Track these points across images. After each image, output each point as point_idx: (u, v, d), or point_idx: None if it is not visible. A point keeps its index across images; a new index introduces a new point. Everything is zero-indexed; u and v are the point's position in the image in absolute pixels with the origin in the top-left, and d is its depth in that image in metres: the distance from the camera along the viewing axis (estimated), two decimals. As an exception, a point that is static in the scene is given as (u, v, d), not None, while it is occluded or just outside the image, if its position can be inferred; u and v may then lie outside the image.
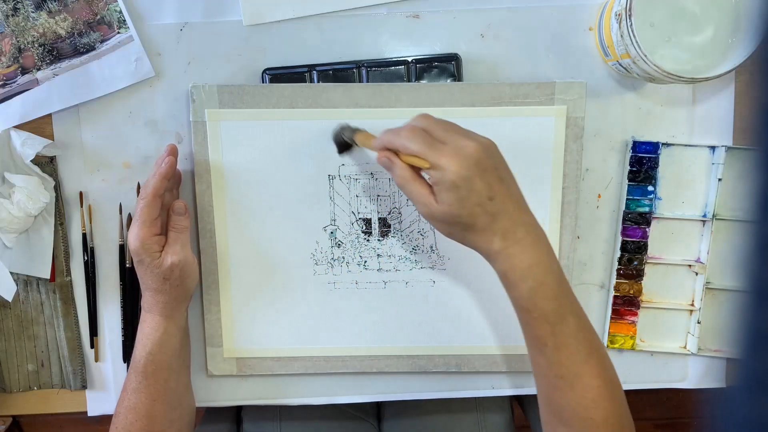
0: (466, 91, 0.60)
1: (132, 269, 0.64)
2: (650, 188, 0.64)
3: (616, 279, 0.65)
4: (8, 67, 0.61)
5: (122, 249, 0.65)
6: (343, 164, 0.61)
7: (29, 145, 0.60)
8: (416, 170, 0.50)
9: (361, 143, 0.56)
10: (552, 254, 0.49)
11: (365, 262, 0.63)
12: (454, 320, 0.64)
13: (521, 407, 0.82)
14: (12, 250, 0.62)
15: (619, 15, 0.56)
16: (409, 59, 0.61)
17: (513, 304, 0.50)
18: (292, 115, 0.60)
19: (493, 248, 0.48)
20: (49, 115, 0.63)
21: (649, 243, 0.64)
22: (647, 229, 0.64)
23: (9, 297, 0.59)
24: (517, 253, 0.48)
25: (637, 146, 0.63)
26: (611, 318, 0.66)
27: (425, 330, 0.65)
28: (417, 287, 0.64)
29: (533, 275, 0.48)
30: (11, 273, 0.61)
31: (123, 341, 0.66)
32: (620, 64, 0.59)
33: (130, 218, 0.64)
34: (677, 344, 0.67)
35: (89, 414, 0.68)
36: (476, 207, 0.47)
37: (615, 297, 0.65)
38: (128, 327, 0.65)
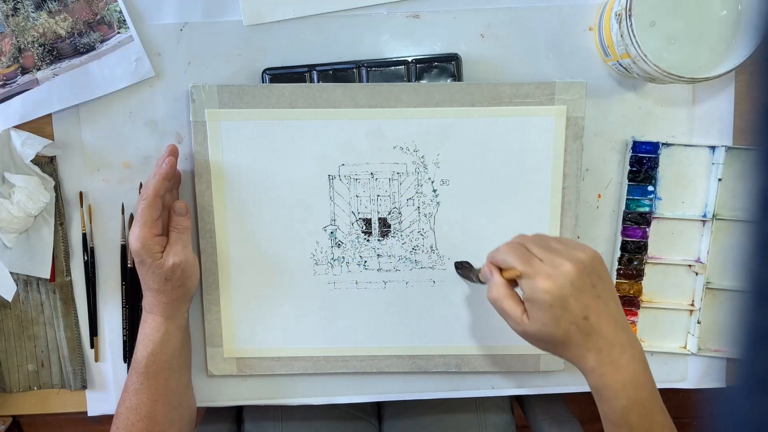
0: (466, 91, 0.60)
1: (133, 269, 0.64)
2: (650, 188, 0.64)
3: (616, 279, 0.65)
4: (8, 67, 0.61)
5: (124, 249, 0.65)
6: (343, 164, 0.61)
7: (29, 145, 0.60)
8: (511, 287, 0.50)
9: (482, 276, 0.56)
10: (647, 371, 0.49)
11: (365, 262, 0.63)
12: (454, 320, 0.64)
13: (521, 407, 0.82)
14: (12, 250, 0.62)
15: (619, 15, 0.56)
16: (409, 59, 0.61)
17: (601, 415, 0.50)
18: (292, 115, 0.60)
19: (587, 366, 0.48)
20: (49, 115, 0.63)
21: (649, 243, 0.64)
22: (647, 229, 0.64)
23: (9, 297, 0.59)
24: (611, 373, 0.47)
25: (637, 146, 0.63)
26: (611, 318, 0.66)
27: (425, 330, 0.65)
28: (417, 287, 0.64)
29: (627, 395, 0.47)
30: (11, 273, 0.61)
31: (124, 341, 0.66)
32: (620, 64, 0.59)
33: (131, 218, 0.64)
34: (677, 344, 0.67)
35: (89, 414, 0.68)
36: (570, 326, 0.47)
37: (615, 297, 0.65)
38: (129, 327, 0.65)
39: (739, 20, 0.56)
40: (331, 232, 0.63)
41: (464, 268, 0.62)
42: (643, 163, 0.63)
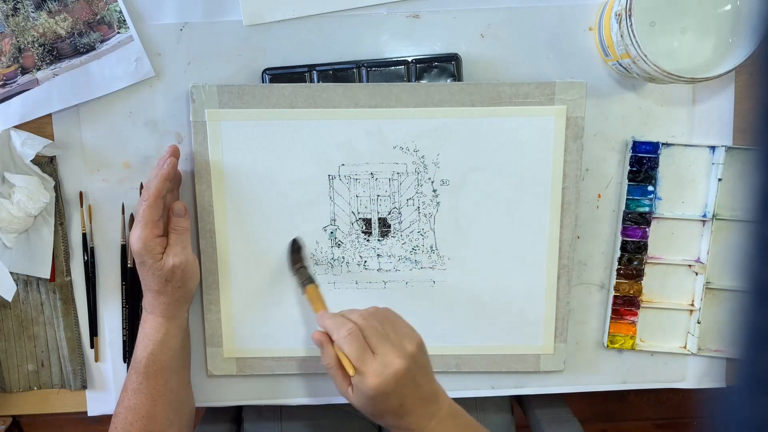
0: (466, 91, 0.60)
1: (134, 269, 0.64)
2: (650, 188, 0.64)
3: (616, 279, 0.65)
4: (8, 67, 0.61)
5: (124, 249, 0.65)
6: (343, 164, 0.61)
7: (29, 145, 0.60)
8: (339, 362, 0.53)
9: (308, 297, 0.60)
10: (458, 423, 0.54)
11: (365, 262, 0.63)
12: (454, 320, 0.64)
13: (521, 407, 0.82)
14: (12, 250, 0.62)
15: (619, 15, 0.56)
16: (409, 59, 0.61)
17: None
18: (292, 115, 0.60)
19: None
20: (49, 115, 0.63)
21: (649, 243, 0.65)
22: (647, 229, 0.64)
23: (9, 297, 0.59)
24: None
25: (637, 146, 0.63)
26: (611, 318, 0.66)
27: (425, 330, 0.64)
28: (417, 287, 0.64)
29: None
30: (11, 273, 0.61)
31: (124, 341, 0.66)
32: (620, 64, 0.59)
33: (132, 218, 0.64)
34: (677, 344, 0.67)
35: (89, 414, 0.68)
36: (386, 411, 0.52)
37: (615, 297, 0.65)
38: (129, 327, 0.65)
39: (739, 20, 0.56)
40: (331, 232, 0.63)
41: (295, 252, 0.62)
42: (643, 163, 0.63)
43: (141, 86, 0.62)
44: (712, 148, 0.64)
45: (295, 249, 0.62)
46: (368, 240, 0.63)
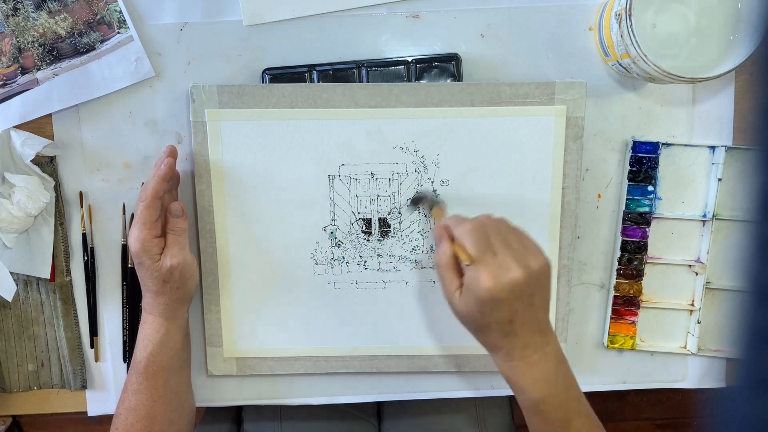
0: (466, 91, 0.60)
1: (133, 269, 0.64)
2: (650, 188, 0.64)
3: (616, 279, 0.65)
4: (8, 67, 0.61)
5: (124, 249, 0.65)
6: (343, 164, 0.61)
7: (29, 145, 0.60)
8: (456, 260, 0.50)
9: (434, 215, 0.58)
10: (560, 368, 0.51)
11: (365, 262, 0.63)
12: (454, 320, 0.64)
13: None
14: (12, 250, 0.62)
15: (619, 15, 0.56)
16: (409, 59, 0.61)
17: (518, 402, 0.52)
18: (292, 115, 0.60)
19: (499, 359, 0.51)
20: (49, 115, 0.63)
21: (649, 243, 0.64)
22: (647, 229, 0.64)
23: (9, 297, 0.59)
24: (520, 369, 0.50)
25: (637, 146, 0.63)
26: (611, 318, 0.66)
27: (425, 330, 0.65)
28: (417, 287, 0.64)
29: (537, 389, 0.50)
30: (11, 273, 0.61)
31: (124, 341, 0.66)
32: (620, 64, 0.59)
33: (132, 218, 0.64)
34: (677, 344, 0.67)
35: (89, 414, 0.68)
36: (493, 323, 0.48)
37: (615, 297, 0.65)
38: (130, 327, 0.65)
39: (739, 20, 0.56)
40: (331, 232, 0.63)
41: (421, 198, 0.61)
42: (643, 163, 0.63)
43: (141, 86, 0.62)
44: (712, 148, 0.64)
45: (421, 196, 0.61)
46: (368, 240, 0.63)
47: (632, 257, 0.65)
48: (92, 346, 0.66)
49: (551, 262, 0.51)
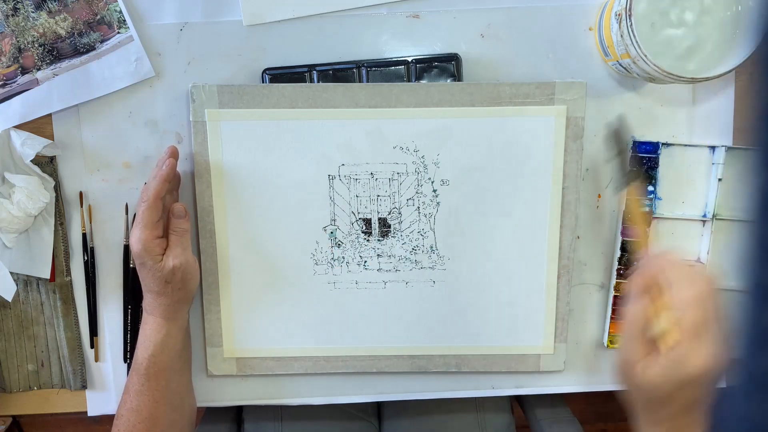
0: (466, 91, 0.60)
1: (135, 269, 0.64)
2: (650, 188, 0.64)
3: (616, 279, 0.65)
4: (8, 67, 0.61)
5: (126, 249, 0.65)
6: (343, 164, 0.61)
7: (29, 145, 0.60)
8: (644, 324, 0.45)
9: (628, 197, 0.48)
10: None
11: (365, 262, 0.63)
12: (454, 320, 0.64)
13: (521, 407, 0.82)
14: (12, 250, 0.62)
15: (619, 15, 0.56)
16: (409, 59, 0.61)
17: None
18: (292, 115, 0.60)
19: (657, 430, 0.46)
20: (49, 115, 0.63)
21: (649, 243, 0.64)
22: (647, 230, 0.64)
23: (9, 297, 0.59)
24: None
25: (637, 146, 0.63)
26: (611, 318, 0.66)
27: (425, 330, 0.65)
28: (417, 287, 0.64)
29: None
30: (11, 273, 0.61)
31: (124, 341, 0.66)
32: (620, 64, 0.59)
33: (134, 218, 0.64)
34: (677, 344, 0.67)
35: (89, 414, 0.68)
36: (683, 399, 0.43)
37: (615, 297, 0.65)
38: (131, 327, 0.65)
39: (739, 20, 0.56)
40: (331, 232, 0.63)
41: (619, 134, 0.56)
42: (643, 163, 0.63)
43: (141, 86, 0.62)
44: (712, 148, 0.64)
45: (617, 132, 0.56)
46: (368, 240, 0.63)
47: (632, 257, 0.65)
48: (92, 346, 0.66)
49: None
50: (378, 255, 0.63)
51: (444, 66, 0.61)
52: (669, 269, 0.45)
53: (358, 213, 0.63)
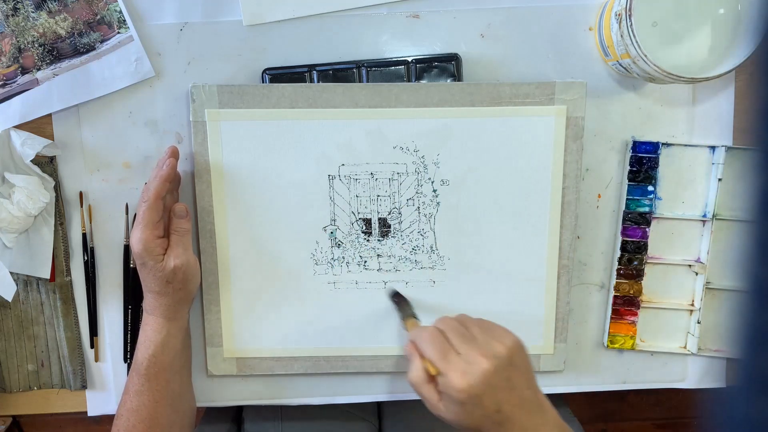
0: (466, 91, 0.60)
1: (136, 269, 0.64)
2: (650, 188, 0.64)
3: (616, 279, 0.65)
4: (8, 67, 0.61)
5: (127, 249, 0.65)
6: (343, 164, 0.61)
7: (29, 145, 0.60)
8: (429, 374, 0.50)
9: (408, 327, 0.57)
10: None
11: (365, 262, 0.63)
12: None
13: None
14: (12, 250, 0.62)
15: (619, 15, 0.56)
16: (409, 59, 0.61)
17: None
18: (292, 115, 0.60)
19: None
20: (49, 115, 0.63)
21: (649, 243, 0.64)
22: (647, 229, 0.64)
23: (9, 297, 0.59)
24: None
25: (637, 146, 0.63)
26: (611, 318, 0.66)
27: (425, 330, 0.65)
28: (417, 287, 0.64)
29: None
30: (11, 273, 0.61)
31: (124, 341, 0.66)
32: (620, 64, 0.59)
33: (135, 219, 0.64)
34: (677, 344, 0.67)
35: (89, 414, 0.68)
36: (482, 418, 0.47)
37: (615, 297, 0.65)
38: (131, 327, 0.65)
39: (739, 20, 0.56)
40: (331, 232, 0.63)
41: (398, 302, 0.61)
42: (643, 163, 0.63)
43: (141, 86, 0.62)
44: (712, 148, 0.64)
45: (399, 300, 0.62)
46: (368, 240, 0.63)
47: (632, 257, 0.65)
48: (92, 346, 0.66)
49: (521, 340, 0.50)
50: (378, 255, 0.63)
51: (444, 66, 0.61)
52: (418, 333, 0.51)
53: (358, 213, 0.63)
